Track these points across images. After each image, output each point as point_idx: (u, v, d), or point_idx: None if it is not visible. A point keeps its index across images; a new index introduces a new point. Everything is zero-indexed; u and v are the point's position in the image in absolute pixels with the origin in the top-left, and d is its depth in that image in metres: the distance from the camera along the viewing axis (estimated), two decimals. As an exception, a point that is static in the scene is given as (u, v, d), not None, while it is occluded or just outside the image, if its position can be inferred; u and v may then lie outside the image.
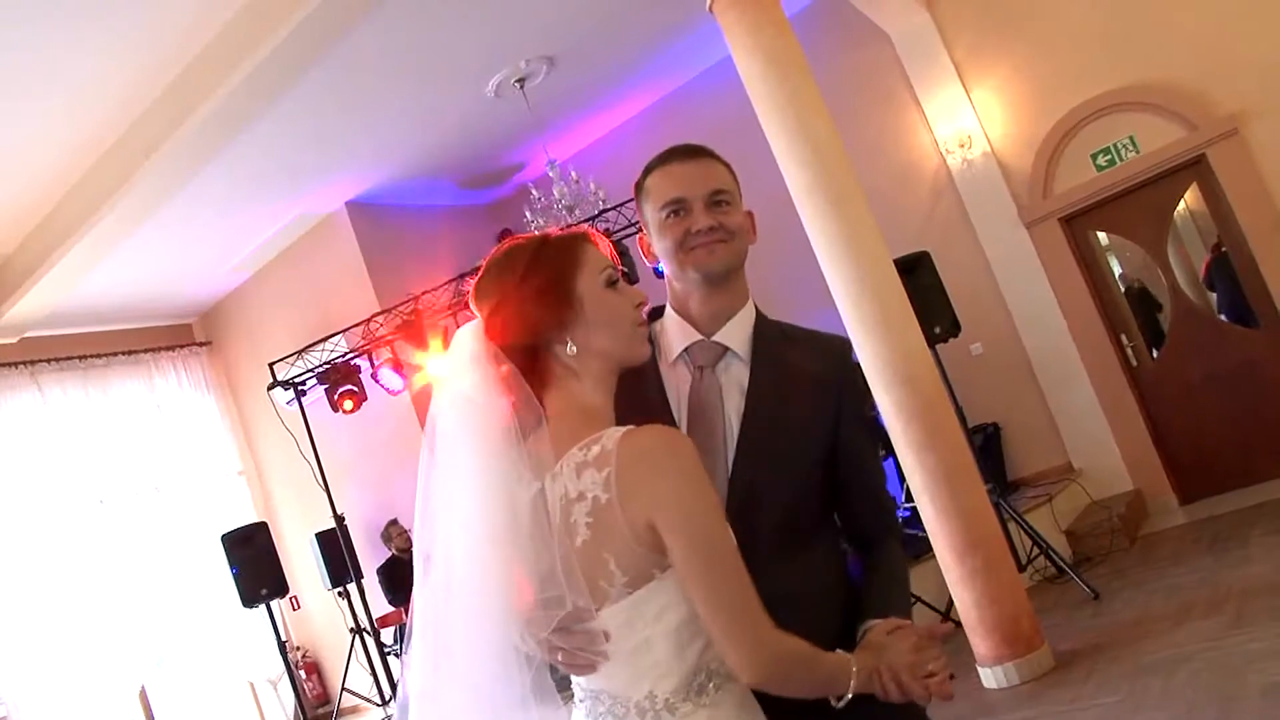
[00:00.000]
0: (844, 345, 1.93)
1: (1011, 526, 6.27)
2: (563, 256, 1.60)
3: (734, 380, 1.82)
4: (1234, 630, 4.58)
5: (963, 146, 7.82)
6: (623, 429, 1.50)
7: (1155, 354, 7.61)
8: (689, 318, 1.86)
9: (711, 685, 1.51)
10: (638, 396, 1.77)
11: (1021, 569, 6.28)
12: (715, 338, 1.84)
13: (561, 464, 1.50)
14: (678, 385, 1.84)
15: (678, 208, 1.81)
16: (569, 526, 1.47)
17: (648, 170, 1.88)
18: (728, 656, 1.46)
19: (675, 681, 1.49)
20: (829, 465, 1.82)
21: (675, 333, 1.87)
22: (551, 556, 1.48)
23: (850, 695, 1.52)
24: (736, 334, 1.85)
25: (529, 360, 1.58)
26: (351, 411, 7.79)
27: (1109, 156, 7.38)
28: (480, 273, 1.66)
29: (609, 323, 1.60)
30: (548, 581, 1.48)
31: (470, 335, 1.61)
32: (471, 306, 1.66)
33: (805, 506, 1.79)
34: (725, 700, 1.51)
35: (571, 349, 1.57)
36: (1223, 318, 7.52)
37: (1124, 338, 7.59)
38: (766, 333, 1.88)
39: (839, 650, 1.56)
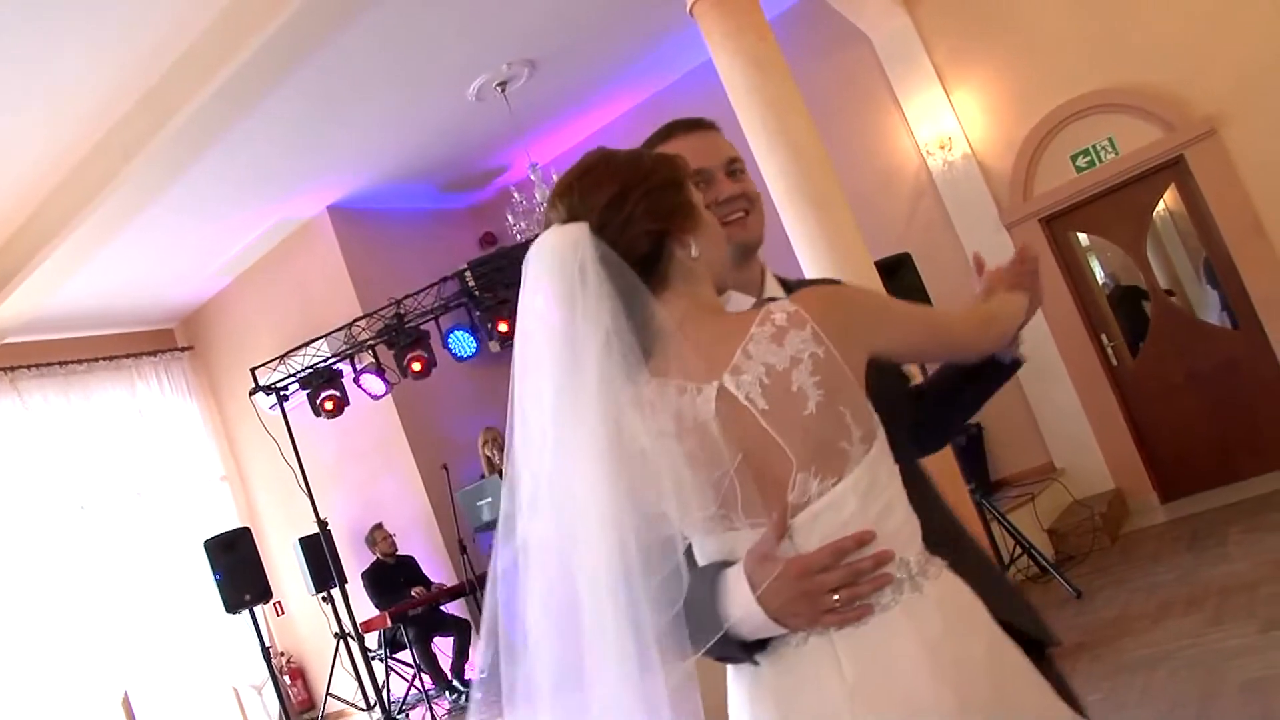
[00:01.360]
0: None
1: (994, 526, 6.30)
2: (673, 166, 1.53)
3: None
4: (1213, 628, 4.61)
5: (943, 148, 7.86)
6: (806, 291, 1.51)
7: (1138, 348, 7.64)
8: (729, 286, 1.78)
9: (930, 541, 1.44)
10: None
11: (1004, 568, 6.31)
12: (766, 294, 1.82)
13: (745, 348, 1.39)
14: None
15: (698, 180, 1.70)
16: (792, 398, 1.36)
17: (650, 148, 1.78)
18: (977, 356, 1.74)
19: (919, 542, 1.41)
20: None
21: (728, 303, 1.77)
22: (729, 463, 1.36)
23: (1025, 320, 1.79)
24: (777, 289, 1.84)
25: (650, 258, 1.45)
26: (333, 416, 7.79)
27: (1088, 158, 7.43)
28: (582, 170, 1.50)
29: (717, 239, 1.55)
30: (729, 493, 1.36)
31: (578, 235, 1.42)
32: (554, 213, 1.48)
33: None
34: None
35: (695, 251, 1.48)
36: (1224, 316, 7.54)
37: (1104, 338, 7.64)
38: (789, 283, 1.88)
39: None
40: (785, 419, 1.37)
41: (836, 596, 1.34)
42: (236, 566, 8.34)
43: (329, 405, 7.76)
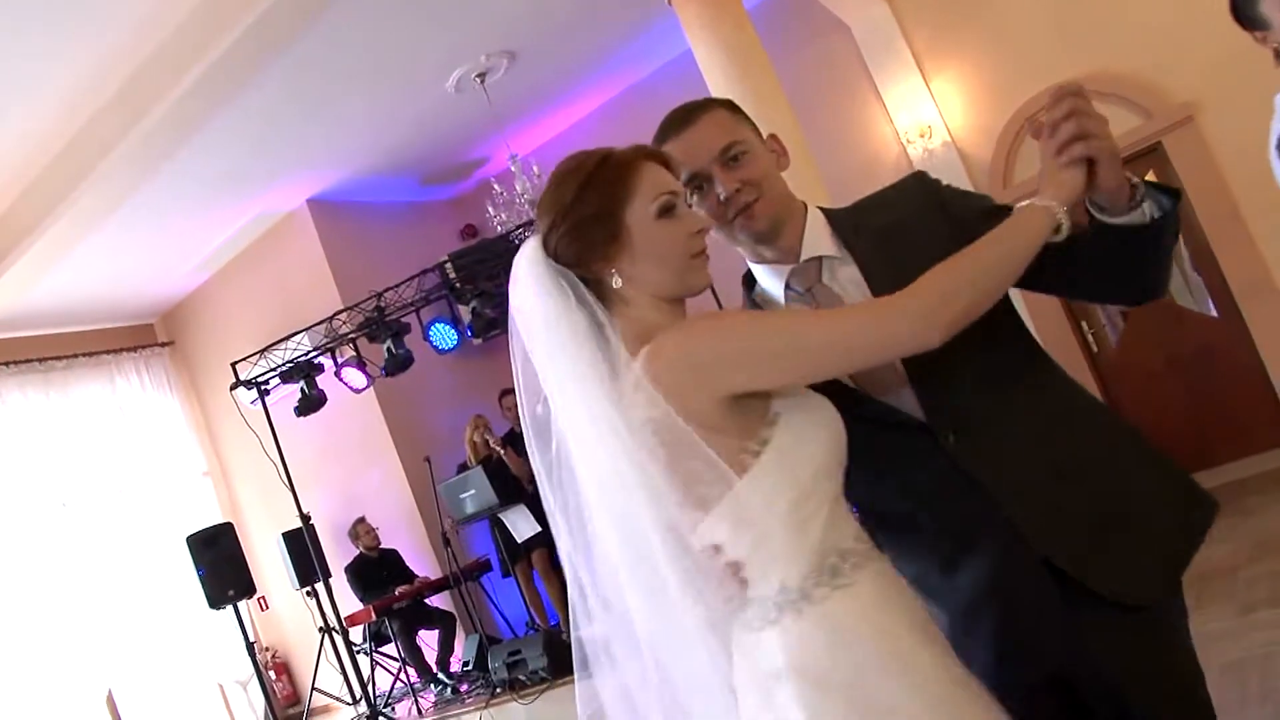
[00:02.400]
0: (917, 180, 1.84)
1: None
2: (616, 183, 1.53)
3: (848, 279, 1.75)
4: (1193, 611, 4.60)
5: (923, 136, 7.87)
6: (651, 344, 1.47)
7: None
8: (770, 260, 1.81)
9: (847, 565, 1.45)
10: None
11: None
12: (804, 256, 1.77)
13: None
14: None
15: (697, 183, 1.73)
16: (648, 451, 1.44)
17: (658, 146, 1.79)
18: (905, 350, 1.47)
19: (804, 565, 1.43)
20: None
21: (771, 278, 1.80)
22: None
23: (1064, 228, 1.50)
24: (820, 241, 1.78)
25: (583, 282, 1.55)
26: (315, 410, 7.76)
27: (1067, 145, 7.45)
28: (546, 187, 1.60)
29: (659, 256, 1.53)
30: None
31: (531, 253, 1.56)
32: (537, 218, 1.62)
33: (994, 326, 1.60)
34: (864, 580, 1.45)
35: (617, 281, 1.52)
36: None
37: (1085, 325, 7.67)
38: (842, 221, 1.81)
39: (1017, 207, 1.53)
40: (650, 467, 1.44)
41: None
42: (219, 562, 8.31)
43: (308, 404, 7.73)
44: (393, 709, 7.90)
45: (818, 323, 1.48)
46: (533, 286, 1.53)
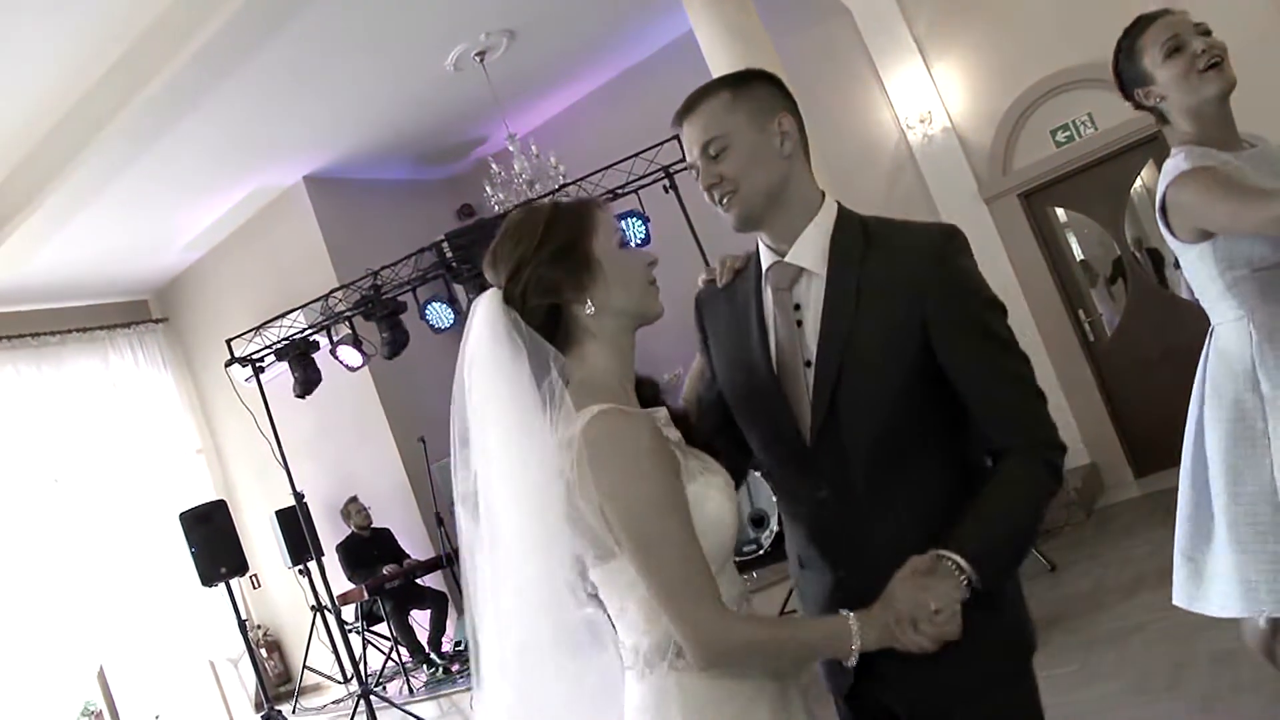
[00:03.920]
0: (937, 241, 1.72)
1: (970, 500, 6.32)
2: (578, 220, 1.65)
3: (814, 298, 1.74)
4: (1185, 601, 4.65)
5: (923, 122, 7.84)
6: (595, 409, 1.53)
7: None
8: (767, 244, 1.83)
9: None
10: (736, 329, 1.85)
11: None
12: (787, 259, 1.77)
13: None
14: (774, 310, 1.81)
15: (692, 169, 1.83)
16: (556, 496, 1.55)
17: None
18: (678, 639, 1.52)
19: (650, 642, 1.57)
20: (934, 378, 1.68)
21: (763, 255, 1.83)
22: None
23: (854, 660, 1.52)
24: (809, 250, 1.76)
25: (549, 324, 1.63)
26: (307, 394, 7.74)
27: (1068, 133, 7.43)
28: (496, 240, 1.69)
29: (625, 281, 1.65)
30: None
31: (488, 304, 1.64)
32: (487, 276, 1.69)
33: (906, 421, 1.67)
34: (694, 668, 1.54)
35: (590, 309, 1.62)
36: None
37: (1082, 314, 7.67)
38: (844, 241, 1.76)
39: (842, 612, 1.54)
40: (549, 515, 1.56)
41: None
42: (212, 539, 8.28)
43: (305, 383, 7.71)
44: (384, 688, 7.91)
45: (666, 554, 1.51)
46: (489, 337, 1.62)
